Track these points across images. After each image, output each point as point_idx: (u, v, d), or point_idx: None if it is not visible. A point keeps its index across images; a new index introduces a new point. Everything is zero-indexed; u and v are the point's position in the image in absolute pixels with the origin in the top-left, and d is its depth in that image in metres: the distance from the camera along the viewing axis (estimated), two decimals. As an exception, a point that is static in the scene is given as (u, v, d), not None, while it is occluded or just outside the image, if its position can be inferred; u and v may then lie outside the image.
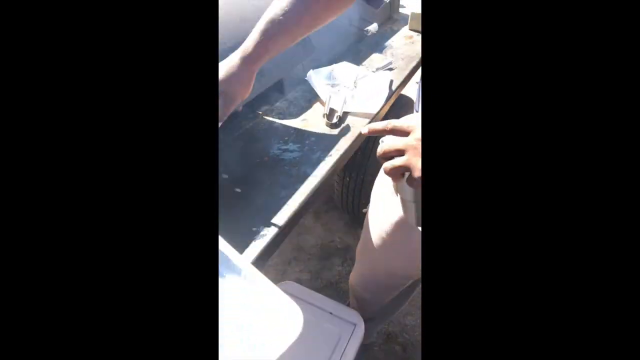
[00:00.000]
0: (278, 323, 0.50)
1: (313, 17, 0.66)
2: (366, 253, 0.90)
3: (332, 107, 1.01)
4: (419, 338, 1.41)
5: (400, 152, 0.46)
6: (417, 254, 0.77)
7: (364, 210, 0.98)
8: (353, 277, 1.04)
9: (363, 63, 1.22)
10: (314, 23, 0.67)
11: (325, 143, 0.91)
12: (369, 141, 1.33)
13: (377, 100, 1.04)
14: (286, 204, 0.76)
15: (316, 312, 1.04)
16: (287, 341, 0.47)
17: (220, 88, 0.68)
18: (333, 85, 1.09)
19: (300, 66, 1.11)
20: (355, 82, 1.10)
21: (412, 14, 1.38)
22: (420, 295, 1.48)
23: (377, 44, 1.33)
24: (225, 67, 0.69)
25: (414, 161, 0.45)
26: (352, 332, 1.01)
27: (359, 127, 0.96)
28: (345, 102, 1.02)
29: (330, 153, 0.88)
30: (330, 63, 1.16)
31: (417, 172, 0.45)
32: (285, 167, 0.85)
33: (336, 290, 1.53)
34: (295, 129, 0.96)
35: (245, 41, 0.69)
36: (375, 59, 1.25)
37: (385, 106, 1.06)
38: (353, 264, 1.08)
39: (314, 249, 1.68)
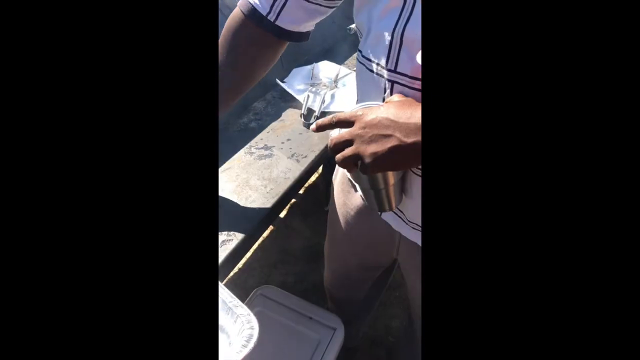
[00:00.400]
0: (233, 333, 0.48)
1: (235, 90, 0.66)
2: (335, 250, 0.89)
3: (310, 107, 0.99)
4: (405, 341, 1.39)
5: (348, 143, 0.47)
6: (384, 242, 0.76)
7: (326, 208, 0.95)
8: (326, 279, 1.02)
9: (345, 62, 1.20)
10: (237, 94, 0.67)
11: (301, 144, 0.89)
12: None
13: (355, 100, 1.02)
14: (257, 207, 0.73)
15: (295, 317, 1.01)
16: (242, 353, 0.45)
17: None
18: (313, 84, 1.07)
19: (279, 64, 1.08)
20: (335, 81, 1.07)
21: (397, 12, 1.37)
22: (405, 297, 1.46)
23: (361, 43, 1.31)
24: None
25: (362, 148, 0.45)
26: (332, 337, 0.99)
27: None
28: (323, 101, 1.00)
29: (305, 154, 0.86)
30: (311, 62, 1.14)
31: (367, 159, 0.45)
32: (258, 168, 0.82)
33: (321, 293, 1.51)
34: (271, 129, 0.94)
35: None
36: (358, 58, 1.23)
37: (365, 106, 1.04)
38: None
39: (300, 251, 1.65)
